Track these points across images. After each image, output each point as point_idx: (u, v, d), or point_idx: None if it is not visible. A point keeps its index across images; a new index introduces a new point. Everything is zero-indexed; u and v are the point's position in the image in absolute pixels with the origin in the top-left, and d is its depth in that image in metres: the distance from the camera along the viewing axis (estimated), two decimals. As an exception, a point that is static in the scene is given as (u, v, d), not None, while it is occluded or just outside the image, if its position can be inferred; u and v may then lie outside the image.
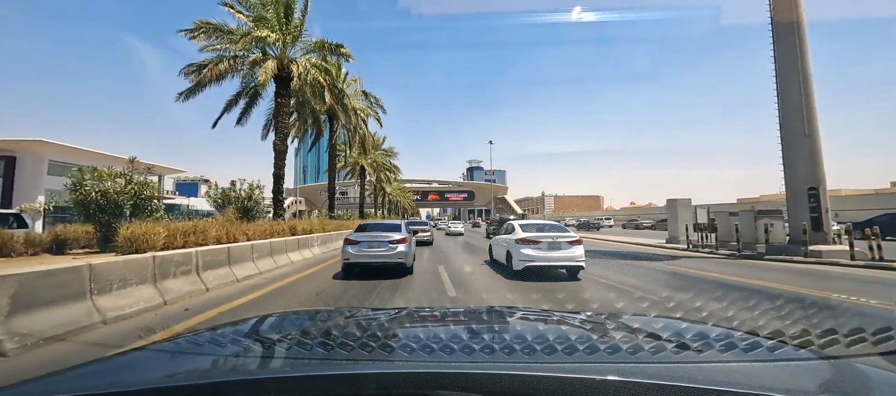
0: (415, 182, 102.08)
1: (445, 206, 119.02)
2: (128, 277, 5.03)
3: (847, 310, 5.25)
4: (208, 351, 1.10)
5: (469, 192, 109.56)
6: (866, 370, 0.89)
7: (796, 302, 5.65)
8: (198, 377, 0.90)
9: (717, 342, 1.03)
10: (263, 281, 7.73)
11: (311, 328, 1.39)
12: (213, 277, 6.84)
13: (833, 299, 5.88)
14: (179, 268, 6.10)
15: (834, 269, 9.24)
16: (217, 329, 1.33)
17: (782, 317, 4.61)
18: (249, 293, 6.49)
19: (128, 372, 0.96)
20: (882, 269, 8.87)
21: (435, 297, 6.34)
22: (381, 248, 8.31)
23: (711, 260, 11.73)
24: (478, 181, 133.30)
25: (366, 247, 8.32)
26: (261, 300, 6.05)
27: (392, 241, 8.41)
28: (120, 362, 1.03)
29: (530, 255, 7.65)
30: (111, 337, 3.79)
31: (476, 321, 1.49)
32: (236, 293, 6.54)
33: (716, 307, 5.26)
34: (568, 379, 0.76)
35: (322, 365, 0.94)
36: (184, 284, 6.06)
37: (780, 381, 0.84)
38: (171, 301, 5.50)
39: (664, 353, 0.99)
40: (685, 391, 0.70)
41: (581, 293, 6.49)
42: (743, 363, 0.93)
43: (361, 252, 8.27)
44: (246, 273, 7.92)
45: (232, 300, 5.92)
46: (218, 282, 6.88)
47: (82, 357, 1.48)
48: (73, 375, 0.90)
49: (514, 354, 0.96)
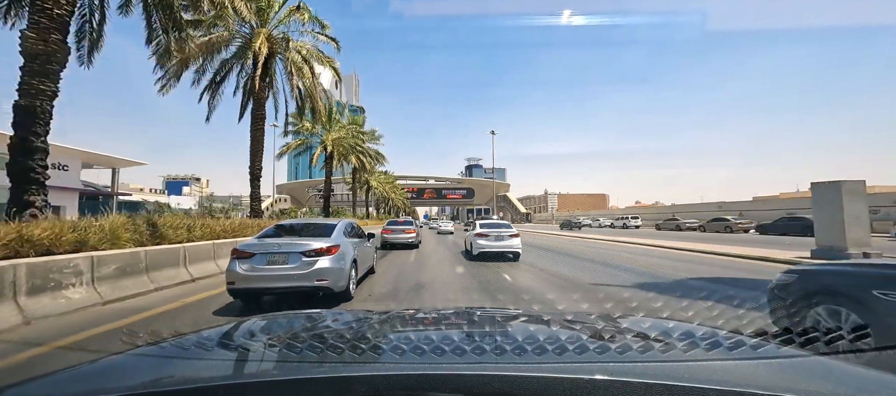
0: (409, 179, 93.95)
1: (443, 204, 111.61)
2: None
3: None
4: (194, 355, 1.09)
5: (468, 189, 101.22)
6: (841, 367, 0.93)
7: None
8: (183, 381, 0.88)
9: (702, 342, 1.05)
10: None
11: (300, 331, 1.37)
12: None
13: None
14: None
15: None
16: (203, 332, 1.30)
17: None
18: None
19: (109, 378, 0.94)
20: None
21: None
22: (290, 265, 5.49)
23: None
24: (478, 178, 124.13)
25: (264, 263, 5.49)
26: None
27: (308, 253, 5.53)
28: (101, 366, 1.00)
29: (483, 244, 11.14)
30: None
31: (467, 322, 1.51)
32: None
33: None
34: (558, 379, 0.78)
35: (311, 368, 0.93)
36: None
37: (760, 378, 0.87)
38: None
39: (652, 352, 1.00)
40: (672, 388, 0.72)
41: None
42: (727, 361, 0.96)
43: (255, 273, 5.40)
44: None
45: None
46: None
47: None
48: (51, 381, 0.88)
49: (504, 355, 0.98)
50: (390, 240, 16.25)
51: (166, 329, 1.37)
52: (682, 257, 12.37)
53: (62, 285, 5.40)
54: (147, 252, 6.93)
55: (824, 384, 0.85)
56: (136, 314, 5.36)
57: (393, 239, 16.24)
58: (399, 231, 16.41)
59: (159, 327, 4.90)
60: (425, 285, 7.60)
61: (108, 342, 4.32)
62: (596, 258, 12.21)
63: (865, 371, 0.89)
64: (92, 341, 4.32)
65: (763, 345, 1.03)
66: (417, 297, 6.57)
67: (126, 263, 6.44)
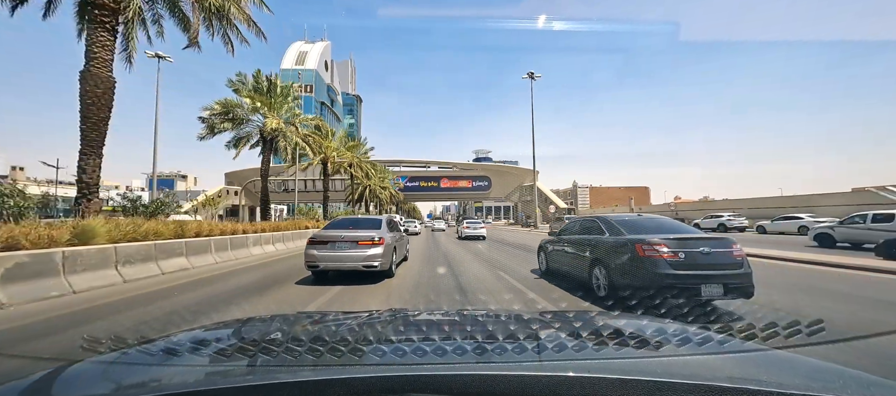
0: (404, 164, 69.23)
1: (450, 198, 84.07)
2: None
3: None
4: (160, 361, 1.04)
5: (483, 178, 68.89)
6: (797, 359, 0.99)
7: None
8: (148, 390, 0.84)
9: (674, 338, 1.13)
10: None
11: (276, 334, 1.33)
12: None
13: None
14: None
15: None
16: (172, 337, 1.24)
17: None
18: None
19: (67, 388, 0.90)
20: None
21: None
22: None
23: None
24: (497, 163, 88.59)
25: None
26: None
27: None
28: (59, 376, 0.93)
29: (464, 231, 21.91)
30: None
31: (448, 322, 1.52)
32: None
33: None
34: (537, 377, 0.80)
35: (288, 372, 0.92)
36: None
37: (727, 371, 0.95)
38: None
39: (627, 349, 1.06)
40: (645, 384, 0.75)
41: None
42: (697, 356, 1.02)
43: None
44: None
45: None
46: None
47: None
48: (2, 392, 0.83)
49: (485, 354, 0.99)
50: (320, 263, 7.36)
51: (131, 335, 1.31)
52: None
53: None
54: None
55: (782, 375, 0.91)
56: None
57: (326, 263, 7.37)
58: (341, 245, 7.30)
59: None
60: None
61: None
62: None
63: (817, 362, 0.96)
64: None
65: (729, 340, 1.09)
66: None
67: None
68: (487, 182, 68.40)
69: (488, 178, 68.73)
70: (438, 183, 69.11)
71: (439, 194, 73.82)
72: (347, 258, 7.09)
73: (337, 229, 7.64)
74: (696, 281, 4.62)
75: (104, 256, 6.95)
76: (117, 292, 6.36)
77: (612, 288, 5.30)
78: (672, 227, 5.64)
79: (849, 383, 0.84)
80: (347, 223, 8.08)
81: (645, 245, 4.96)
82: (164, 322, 4.69)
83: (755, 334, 1.13)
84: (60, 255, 6.13)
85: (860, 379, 0.85)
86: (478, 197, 77.45)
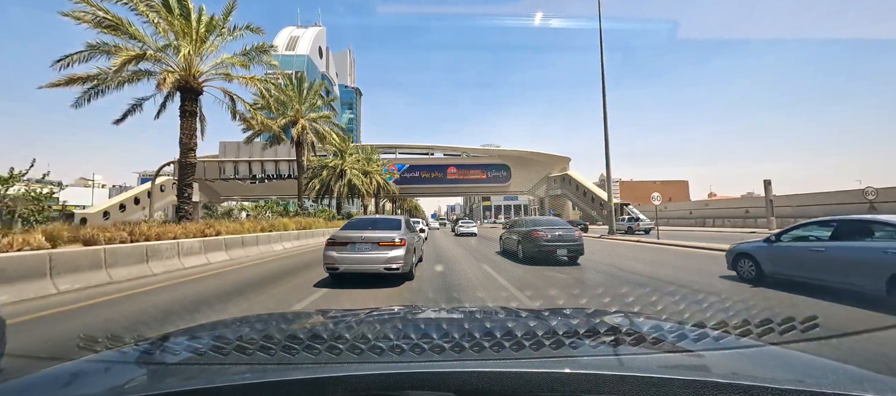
0: (401, 149, 55.94)
1: (459, 191, 62.89)
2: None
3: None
4: (158, 360, 1.05)
5: (501, 167, 55.41)
6: (791, 354, 1.02)
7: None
8: (145, 389, 0.84)
9: (670, 334, 1.13)
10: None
11: (274, 332, 1.33)
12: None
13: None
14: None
15: None
16: (169, 337, 1.24)
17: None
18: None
19: (64, 387, 0.88)
20: None
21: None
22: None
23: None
24: (519, 149, 57.97)
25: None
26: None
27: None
28: (55, 375, 0.94)
29: (460, 229, 28.38)
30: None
31: (446, 320, 1.53)
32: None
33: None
34: (536, 374, 0.80)
35: (285, 370, 0.91)
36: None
37: (723, 367, 0.96)
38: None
39: (623, 346, 1.06)
40: (642, 380, 0.76)
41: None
42: (693, 353, 1.02)
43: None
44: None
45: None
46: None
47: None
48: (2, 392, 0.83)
49: (483, 351, 0.98)
50: (339, 266, 7.11)
51: (128, 334, 1.31)
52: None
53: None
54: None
55: (777, 371, 0.93)
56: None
57: (347, 266, 7.11)
58: (361, 247, 7.03)
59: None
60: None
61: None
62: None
63: (811, 358, 0.98)
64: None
65: (724, 337, 1.11)
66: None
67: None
68: (507, 172, 55.31)
69: (508, 166, 55.34)
70: (444, 173, 55.19)
71: (446, 188, 57.81)
72: (368, 261, 6.81)
73: (356, 229, 7.39)
74: (555, 248, 9.78)
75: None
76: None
77: (524, 254, 10.46)
78: (551, 223, 11.30)
79: (842, 378, 0.85)
80: (366, 224, 7.80)
81: (534, 231, 10.30)
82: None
83: (750, 330, 1.14)
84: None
85: (854, 375, 0.87)
86: (494, 191, 60.95)
